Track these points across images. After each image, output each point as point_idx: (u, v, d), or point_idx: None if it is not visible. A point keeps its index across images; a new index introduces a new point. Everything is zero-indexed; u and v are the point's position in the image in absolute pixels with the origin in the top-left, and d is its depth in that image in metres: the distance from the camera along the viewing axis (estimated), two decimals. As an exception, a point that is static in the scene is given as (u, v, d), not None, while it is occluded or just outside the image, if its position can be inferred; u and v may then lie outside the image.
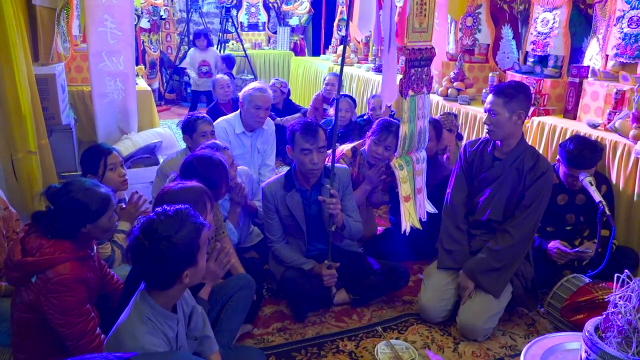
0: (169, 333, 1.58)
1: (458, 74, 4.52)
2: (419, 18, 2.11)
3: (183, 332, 1.70)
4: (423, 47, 2.18)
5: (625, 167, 2.87)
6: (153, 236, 1.49)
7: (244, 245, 3.11)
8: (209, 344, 1.86)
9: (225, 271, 2.11)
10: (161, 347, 1.52)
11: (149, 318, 1.54)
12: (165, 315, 1.58)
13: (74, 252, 1.90)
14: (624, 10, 3.29)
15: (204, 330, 1.84)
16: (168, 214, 1.54)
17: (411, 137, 2.24)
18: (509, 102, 2.46)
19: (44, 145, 3.38)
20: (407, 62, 2.13)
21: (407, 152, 2.28)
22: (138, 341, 1.48)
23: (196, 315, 1.81)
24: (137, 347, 1.47)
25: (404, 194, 2.24)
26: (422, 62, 2.20)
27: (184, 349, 1.69)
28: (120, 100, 4.20)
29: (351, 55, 7.01)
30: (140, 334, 1.50)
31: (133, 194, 2.60)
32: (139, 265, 1.54)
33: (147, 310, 1.55)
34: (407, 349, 2.38)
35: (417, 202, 2.33)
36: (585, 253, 2.73)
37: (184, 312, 1.74)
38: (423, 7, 2.10)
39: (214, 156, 2.42)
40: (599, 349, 1.43)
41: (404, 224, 2.26)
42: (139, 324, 1.52)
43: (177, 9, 8.60)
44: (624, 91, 3.15)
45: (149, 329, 1.52)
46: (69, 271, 1.85)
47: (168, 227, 1.51)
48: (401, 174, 2.22)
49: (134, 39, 4.36)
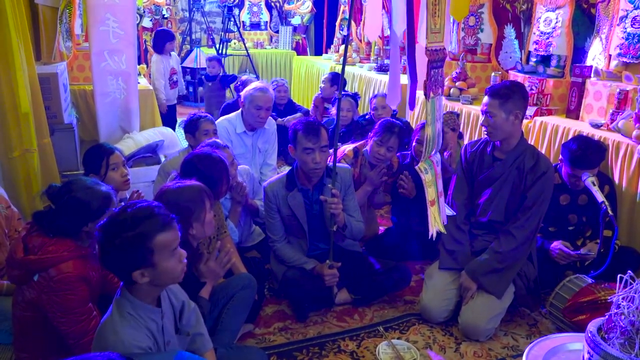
0: (152, 326, 1.57)
1: (460, 74, 4.52)
2: (434, 19, 2.08)
3: (170, 326, 1.67)
4: (439, 47, 2.15)
5: (628, 167, 2.86)
6: (103, 231, 1.50)
7: (245, 244, 3.11)
8: (201, 341, 1.84)
9: (225, 270, 2.11)
10: (143, 341, 1.51)
11: (129, 312, 1.53)
12: (146, 309, 1.57)
13: (76, 251, 1.91)
14: (627, 10, 3.28)
15: (196, 327, 1.82)
16: (126, 210, 1.52)
17: (433, 139, 2.20)
18: (505, 103, 2.45)
19: (45, 145, 3.38)
20: (429, 63, 2.09)
21: (428, 156, 2.24)
22: (118, 335, 1.48)
23: (188, 310, 1.78)
24: (117, 342, 1.47)
25: (430, 198, 2.18)
26: (438, 63, 2.17)
27: (172, 343, 1.66)
28: (122, 99, 4.20)
29: (353, 55, 7.01)
30: (120, 329, 1.50)
31: (134, 193, 2.60)
32: (99, 257, 1.54)
33: (127, 305, 1.54)
34: (408, 349, 2.37)
35: (440, 206, 2.30)
36: (587, 255, 2.72)
37: (172, 306, 1.72)
38: (436, 7, 2.07)
39: (214, 154, 2.42)
40: (602, 349, 1.42)
41: (431, 229, 2.21)
42: (119, 319, 1.52)
43: (180, 8, 8.62)
44: (627, 91, 3.14)
45: (130, 323, 1.52)
46: (71, 269, 1.85)
47: (115, 226, 1.49)
48: (426, 177, 2.17)
49: (136, 38, 4.36)
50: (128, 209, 1.52)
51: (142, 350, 1.49)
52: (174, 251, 1.55)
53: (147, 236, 1.49)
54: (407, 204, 3.18)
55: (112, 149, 2.61)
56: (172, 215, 1.57)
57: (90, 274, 1.94)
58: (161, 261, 1.51)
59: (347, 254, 2.79)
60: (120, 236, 1.47)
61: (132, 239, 1.47)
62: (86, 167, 2.58)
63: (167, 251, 1.53)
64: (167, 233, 1.53)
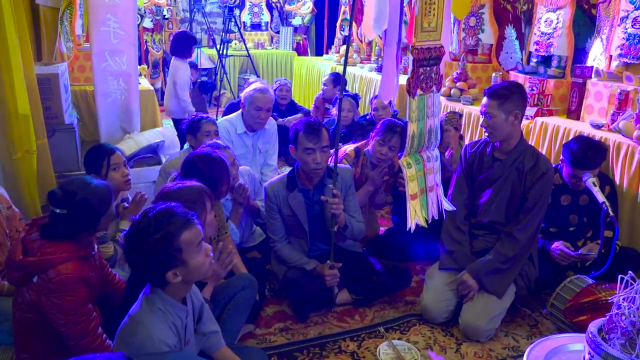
0: (177, 323, 1.61)
1: (461, 74, 4.52)
2: (427, 18, 2.11)
3: (191, 326, 1.72)
4: (432, 46, 2.17)
5: (629, 167, 2.86)
6: (129, 239, 1.54)
7: (246, 245, 3.11)
8: (217, 338, 1.88)
9: (227, 271, 2.11)
10: (169, 336, 1.56)
11: (159, 308, 1.58)
12: (175, 306, 1.62)
13: (75, 252, 1.90)
14: (628, 11, 3.28)
15: (211, 326, 1.86)
16: (147, 215, 1.55)
17: (420, 135, 2.23)
18: (504, 103, 2.45)
19: (42, 145, 3.38)
20: (415, 61, 2.12)
21: (417, 151, 2.27)
22: (148, 329, 1.52)
23: (206, 312, 1.83)
24: (147, 335, 1.51)
25: (411, 192, 2.22)
26: (431, 61, 2.19)
27: (191, 344, 1.71)
28: (123, 99, 4.20)
29: (354, 55, 7.01)
30: (150, 322, 1.54)
31: (137, 194, 2.60)
32: (130, 265, 1.59)
33: (157, 300, 1.59)
34: (409, 350, 2.37)
35: (429, 200, 2.31)
36: (588, 256, 2.72)
37: (193, 305, 1.76)
38: (432, 6, 2.10)
39: (214, 154, 2.42)
40: (603, 350, 1.42)
41: (409, 222, 2.25)
42: (149, 313, 1.56)
43: (180, 9, 8.62)
44: (628, 92, 3.14)
45: (159, 318, 1.56)
46: (70, 271, 1.85)
47: (140, 232, 1.53)
48: (409, 172, 2.21)
49: (137, 39, 4.36)
50: (149, 213, 1.56)
51: (168, 348, 1.52)
52: (199, 246, 1.60)
53: (173, 235, 1.53)
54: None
55: (113, 149, 2.61)
56: (191, 213, 1.61)
57: (90, 274, 1.93)
58: (190, 258, 1.56)
59: (348, 254, 2.79)
60: (146, 241, 1.50)
61: (159, 242, 1.50)
62: (87, 167, 2.59)
63: (193, 247, 1.57)
64: (190, 230, 1.57)
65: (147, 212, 1.57)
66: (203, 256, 1.61)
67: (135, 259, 1.54)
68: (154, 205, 1.62)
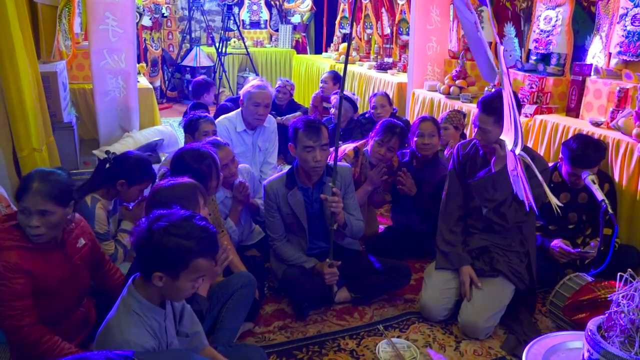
0: (154, 326, 1.59)
1: (460, 72, 4.51)
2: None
3: (172, 327, 1.69)
4: None
5: (628, 165, 2.86)
6: (166, 222, 1.51)
7: (245, 243, 3.11)
8: (199, 339, 1.86)
9: (223, 268, 2.11)
10: (147, 340, 1.54)
11: (135, 311, 1.56)
12: (152, 309, 1.59)
13: (22, 241, 1.82)
14: (627, 8, 3.27)
15: (193, 327, 1.84)
16: (194, 218, 1.55)
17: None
18: (500, 119, 2.19)
19: (50, 143, 3.38)
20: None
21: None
22: (124, 334, 1.51)
23: (187, 313, 1.81)
24: (123, 340, 1.49)
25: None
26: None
27: (174, 345, 1.69)
28: (122, 98, 4.20)
29: (353, 53, 7.00)
30: (126, 327, 1.52)
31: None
32: (135, 244, 1.56)
33: (134, 303, 1.57)
34: (408, 348, 2.37)
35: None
36: (587, 253, 2.72)
37: (173, 307, 1.74)
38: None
39: (202, 148, 2.39)
40: (602, 348, 1.42)
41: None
42: (125, 317, 1.54)
43: (179, 7, 8.60)
44: (627, 89, 3.14)
45: (135, 322, 1.54)
46: (10, 259, 1.77)
47: (175, 228, 1.51)
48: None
49: (135, 37, 4.36)
50: (195, 219, 1.55)
51: (145, 350, 1.50)
52: (198, 279, 1.58)
53: (193, 252, 1.51)
54: (407, 202, 3.18)
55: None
56: (218, 247, 1.61)
57: (38, 267, 1.84)
58: (183, 279, 1.54)
59: (347, 252, 2.79)
60: (174, 236, 1.49)
61: (180, 245, 1.49)
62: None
63: (194, 275, 1.55)
64: (207, 262, 1.57)
65: (195, 215, 1.56)
66: (191, 287, 1.58)
67: (151, 238, 1.50)
68: (203, 217, 1.60)
